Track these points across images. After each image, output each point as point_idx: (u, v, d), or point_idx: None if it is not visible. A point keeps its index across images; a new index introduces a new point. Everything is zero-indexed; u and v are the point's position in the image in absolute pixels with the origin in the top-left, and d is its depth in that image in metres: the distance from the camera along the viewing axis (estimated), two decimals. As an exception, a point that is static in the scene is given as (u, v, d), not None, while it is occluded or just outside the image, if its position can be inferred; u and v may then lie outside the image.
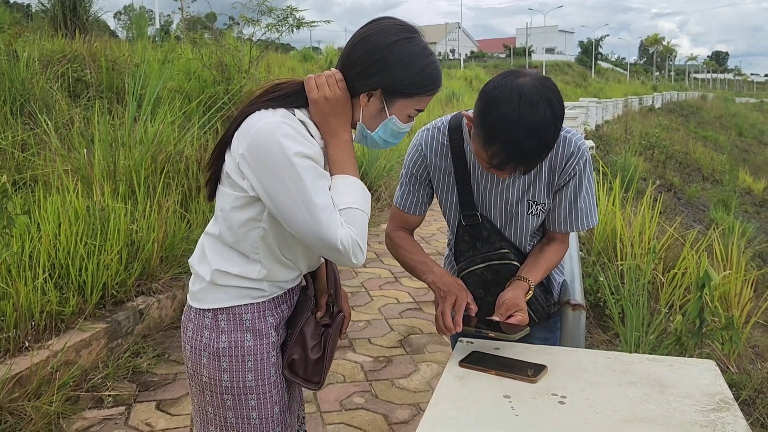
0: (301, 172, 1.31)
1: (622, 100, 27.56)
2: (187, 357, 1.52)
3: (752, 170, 19.80)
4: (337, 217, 1.35)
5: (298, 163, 1.31)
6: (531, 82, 1.47)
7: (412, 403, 3.23)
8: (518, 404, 1.32)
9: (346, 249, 1.35)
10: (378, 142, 1.49)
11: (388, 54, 1.38)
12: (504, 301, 1.65)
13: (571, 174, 1.72)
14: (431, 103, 13.59)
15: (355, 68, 1.40)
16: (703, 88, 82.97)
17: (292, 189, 1.31)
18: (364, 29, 1.42)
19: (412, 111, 1.45)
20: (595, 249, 4.98)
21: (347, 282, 4.99)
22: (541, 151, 1.50)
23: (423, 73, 1.41)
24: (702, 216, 11.44)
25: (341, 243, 1.34)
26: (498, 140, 1.47)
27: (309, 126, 1.40)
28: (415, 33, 1.42)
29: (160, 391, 3.31)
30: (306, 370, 1.55)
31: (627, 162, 9.09)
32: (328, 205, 1.34)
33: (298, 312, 1.58)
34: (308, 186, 1.32)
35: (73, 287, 3.53)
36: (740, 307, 4.33)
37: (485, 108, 1.49)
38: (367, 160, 7.98)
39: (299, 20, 8.22)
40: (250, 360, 1.47)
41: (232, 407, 1.48)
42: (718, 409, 1.29)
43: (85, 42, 7.55)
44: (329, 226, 1.33)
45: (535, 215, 1.78)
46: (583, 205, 1.76)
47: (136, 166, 4.65)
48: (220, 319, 1.47)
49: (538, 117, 1.44)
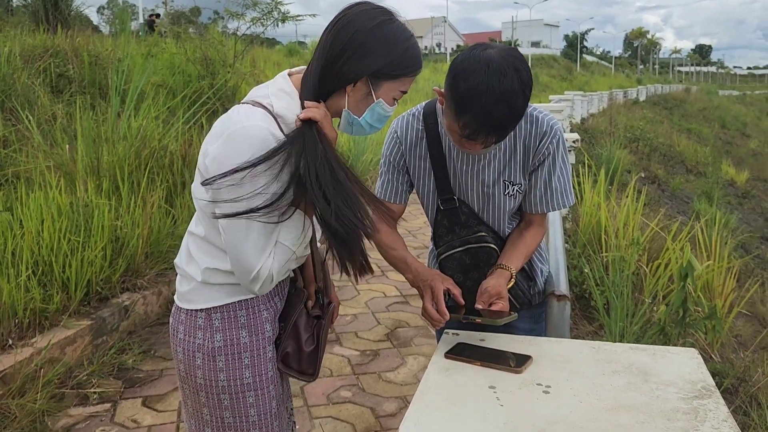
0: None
1: (607, 94, 27.67)
2: (179, 360, 1.50)
3: (735, 162, 20.00)
4: (270, 246, 1.38)
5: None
6: (498, 53, 1.49)
7: (399, 396, 3.24)
8: (503, 394, 1.33)
9: (258, 278, 1.38)
10: (364, 128, 1.47)
11: (372, 37, 1.36)
12: (486, 288, 1.66)
13: (545, 154, 1.73)
14: (417, 96, 13.51)
15: (341, 58, 1.37)
16: (686, 81, 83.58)
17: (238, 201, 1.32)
18: (343, 16, 1.40)
19: (397, 93, 1.45)
20: (580, 241, 5.01)
21: (333, 276, 4.99)
22: (511, 120, 1.51)
23: (407, 54, 1.40)
24: (686, 207, 11.54)
25: (259, 271, 1.37)
26: (469, 110, 1.48)
27: (282, 120, 1.37)
28: (392, 14, 1.41)
29: (146, 388, 3.29)
30: (300, 362, 1.55)
31: (612, 154, 9.14)
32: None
33: (291, 305, 1.58)
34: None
35: (56, 284, 3.50)
36: (723, 296, 4.38)
37: (455, 80, 1.50)
38: (353, 154, 7.98)
39: (284, 14, 8.19)
40: (247, 357, 1.46)
41: (229, 407, 1.47)
42: (701, 397, 1.30)
43: (67, 37, 7.46)
44: (254, 251, 1.35)
45: (512, 196, 1.79)
46: (558, 184, 1.78)
47: (120, 161, 4.61)
48: (214, 318, 1.45)
49: (506, 86, 1.46)
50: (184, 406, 1.57)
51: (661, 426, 1.19)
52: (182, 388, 1.54)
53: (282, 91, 1.40)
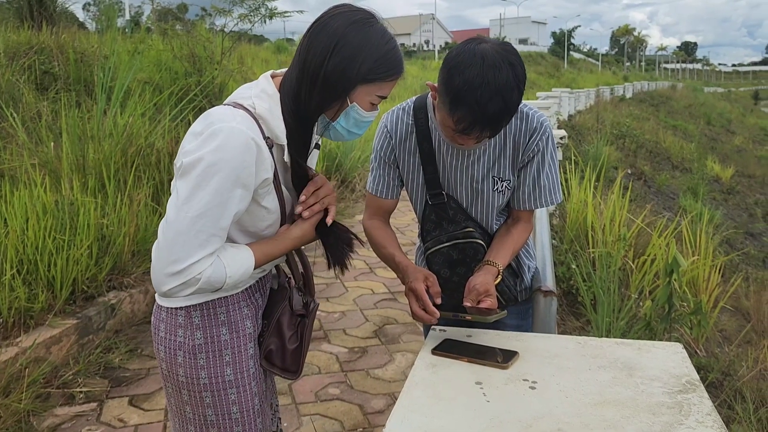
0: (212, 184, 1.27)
1: (594, 90, 27.81)
2: (161, 358, 1.49)
3: (720, 158, 20.18)
4: (210, 248, 1.29)
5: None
6: (493, 47, 1.49)
7: (388, 393, 3.24)
8: (490, 390, 1.33)
9: (182, 275, 1.27)
10: (341, 133, 1.44)
11: (348, 38, 1.33)
12: (474, 286, 1.66)
13: (534, 150, 1.74)
14: (406, 93, 13.46)
15: (322, 64, 1.33)
16: (672, 78, 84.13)
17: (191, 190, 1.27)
18: (321, 19, 1.38)
19: (374, 98, 1.40)
20: (567, 237, 5.03)
21: (322, 273, 4.98)
22: (505, 114, 1.50)
23: (386, 57, 1.36)
24: (672, 203, 11.63)
25: (191, 269, 1.27)
26: (464, 104, 1.47)
27: (264, 122, 1.36)
28: (373, 17, 1.38)
29: (132, 387, 3.27)
30: (284, 360, 1.55)
31: (599, 151, 9.20)
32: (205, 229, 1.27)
33: (274, 302, 1.57)
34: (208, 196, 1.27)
35: (42, 283, 3.47)
36: (708, 291, 4.42)
37: (449, 74, 1.49)
38: (341, 151, 7.96)
39: (272, 11, 8.14)
40: (228, 354, 1.46)
41: (211, 404, 1.47)
42: (685, 391, 1.31)
43: (52, 34, 7.38)
44: (194, 240, 1.27)
45: (501, 192, 1.79)
46: (546, 181, 1.78)
47: (106, 159, 4.57)
48: (194, 316, 1.45)
49: (501, 80, 1.45)
50: (168, 405, 1.56)
51: (645, 420, 1.20)
52: (165, 387, 1.53)
53: (264, 93, 1.39)
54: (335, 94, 1.36)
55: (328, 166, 7.79)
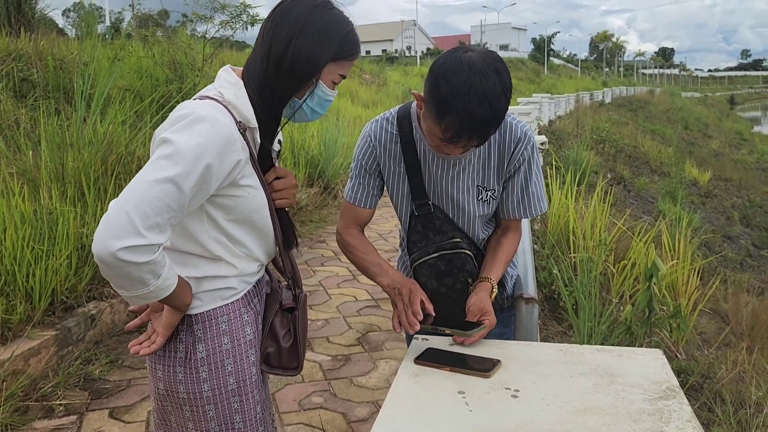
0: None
1: (573, 96, 28.10)
2: (157, 378, 1.45)
3: (698, 162, 20.46)
4: (157, 227, 1.22)
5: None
6: (479, 56, 1.50)
7: (371, 401, 3.24)
8: (472, 399, 1.34)
9: (114, 255, 1.17)
10: (306, 112, 1.49)
11: (312, 21, 1.40)
12: (469, 308, 1.67)
13: (520, 160, 1.75)
14: (388, 99, 13.47)
15: (288, 47, 1.39)
16: (650, 83, 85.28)
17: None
18: (284, 3, 1.43)
19: (336, 77, 1.47)
20: (549, 242, 5.07)
21: (305, 281, 4.97)
22: (493, 121, 1.51)
23: (347, 38, 1.44)
24: (651, 207, 11.77)
25: (128, 245, 1.17)
26: (451, 112, 1.47)
27: (233, 108, 1.38)
28: (330, 2, 1.45)
29: (113, 399, 3.23)
30: (281, 359, 1.55)
31: (579, 156, 9.28)
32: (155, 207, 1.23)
33: (267, 306, 1.58)
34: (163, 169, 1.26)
35: (20, 294, 3.42)
36: (687, 295, 4.47)
37: (436, 82, 1.50)
38: (323, 158, 7.95)
39: (253, 17, 8.13)
40: (230, 363, 1.45)
41: (214, 417, 1.45)
42: (665, 397, 1.33)
43: (31, 40, 7.29)
44: (151, 209, 1.22)
45: (486, 202, 1.80)
46: (534, 190, 1.80)
47: (86, 167, 4.52)
48: (196, 329, 1.43)
49: (488, 87, 1.46)
50: (164, 425, 1.52)
51: (627, 427, 1.21)
52: (162, 407, 1.49)
53: (227, 82, 1.42)
54: (306, 74, 1.42)
55: (310, 173, 7.78)
